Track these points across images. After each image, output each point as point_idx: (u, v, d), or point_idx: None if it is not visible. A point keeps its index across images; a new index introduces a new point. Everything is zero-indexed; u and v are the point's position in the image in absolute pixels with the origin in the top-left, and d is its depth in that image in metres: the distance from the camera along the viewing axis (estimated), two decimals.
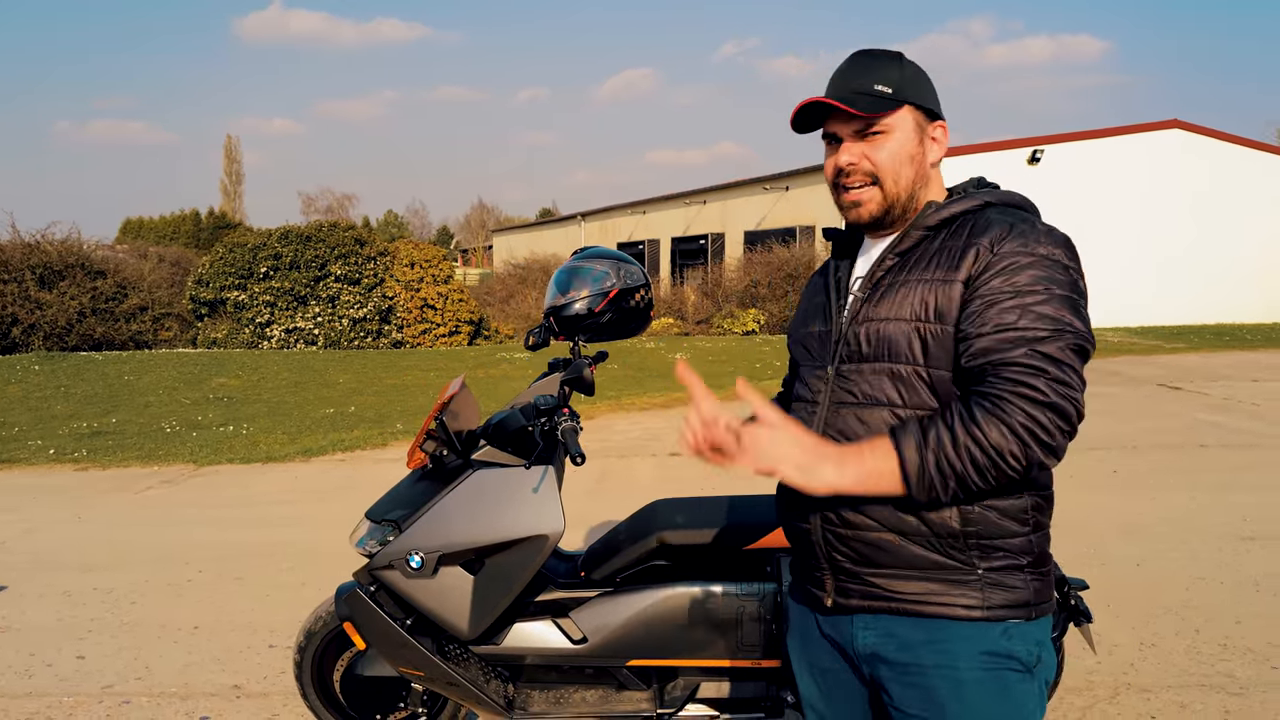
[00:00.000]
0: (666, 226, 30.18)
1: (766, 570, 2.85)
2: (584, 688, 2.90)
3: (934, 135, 1.68)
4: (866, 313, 1.63)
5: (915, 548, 1.57)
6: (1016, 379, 1.42)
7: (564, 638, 2.83)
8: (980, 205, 1.64)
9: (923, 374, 1.56)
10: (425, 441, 2.82)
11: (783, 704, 2.84)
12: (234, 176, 68.01)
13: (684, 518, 2.91)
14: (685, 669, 2.87)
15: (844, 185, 1.67)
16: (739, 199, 26.30)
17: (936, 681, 1.57)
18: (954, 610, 1.57)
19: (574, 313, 2.93)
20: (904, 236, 1.65)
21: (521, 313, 21.91)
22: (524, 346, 2.89)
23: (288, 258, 18.02)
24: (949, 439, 1.43)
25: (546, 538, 2.68)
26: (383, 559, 2.73)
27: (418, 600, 2.73)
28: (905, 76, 1.65)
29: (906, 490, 1.46)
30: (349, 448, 8.63)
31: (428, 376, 13.34)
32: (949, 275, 1.55)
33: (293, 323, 17.91)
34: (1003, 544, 1.57)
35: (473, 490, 2.72)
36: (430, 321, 18.23)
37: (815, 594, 1.73)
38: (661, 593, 2.80)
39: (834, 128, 1.66)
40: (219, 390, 12.30)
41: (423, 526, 2.72)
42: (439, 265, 18.50)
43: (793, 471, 1.43)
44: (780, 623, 2.76)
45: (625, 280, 2.97)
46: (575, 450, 2.46)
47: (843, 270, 1.76)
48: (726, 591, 2.79)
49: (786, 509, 1.77)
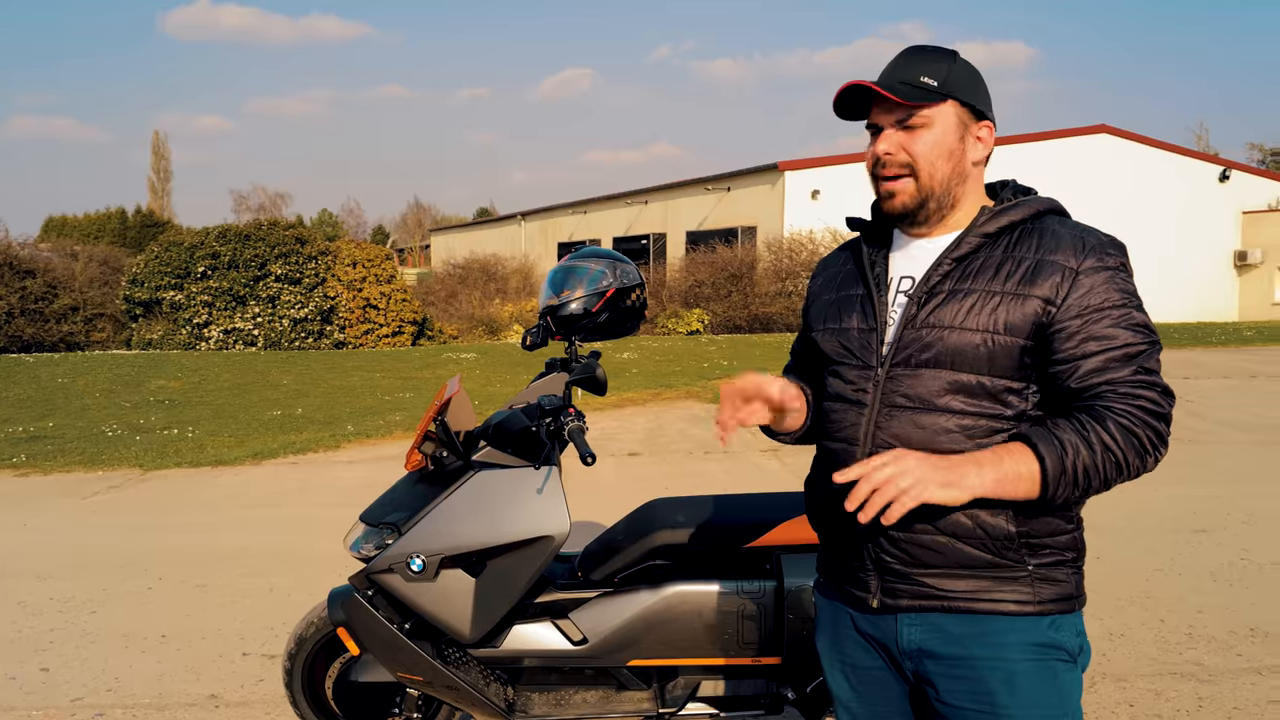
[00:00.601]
0: (608, 226, 30.16)
1: (765, 568, 2.86)
2: (584, 689, 2.89)
3: (978, 135, 1.68)
4: (927, 318, 1.63)
5: (968, 548, 1.59)
6: (1135, 394, 1.52)
7: (564, 639, 2.82)
8: (1035, 213, 1.66)
9: (986, 383, 1.59)
10: (423, 443, 2.78)
11: (782, 701, 2.86)
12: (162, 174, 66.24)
13: (682, 517, 2.91)
14: (685, 668, 2.87)
15: (881, 175, 1.67)
16: (681, 199, 26.39)
17: (987, 673, 1.59)
18: (1005, 606, 1.60)
19: (570, 312, 2.91)
20: (960, 242, 1.65)
21: (465, 313, 21.72)
22: (521, 346, 2.87)
23: (226, 257, 17.63)
24: (1085, 447, 1.49)
25: (552, 539, 2.66)
26: (382, 562, 2.69)
27: (418, 604, 2.70)
28: (954, 72, 1.65)
29: (1041, 493, 1.50)
30: (300, 450, 8.48)
31: (374, 378, 13.16)
32: (1024, 290, 1.58)
33: (232, 323, 17.53)
34: (1051, 541, 1.61)
35: (476, 491, 2.69)
36: (373, 322, 17.99)
37: (858, 595, 1.72)
38: (662, 592, 2.80)
39: (876, 117, 1.67)
40: (159, 392, 11.98)
41: (424, 529, 2.69)
42: (381, 265, 18.26)
43: (939, 491, 1.45)
44: (780, 620, 2.77)
45: (621, 279, 2.96)
46: (585, 450, 2.44)
47: (879, 265, 1.74)
48: (726, 590, 2.80)
49: (825, 511, 1.76)
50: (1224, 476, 6.84)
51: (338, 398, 11.44)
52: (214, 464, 8.05)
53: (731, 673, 2.87)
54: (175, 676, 3.79)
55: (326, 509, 6.46)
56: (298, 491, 7.03)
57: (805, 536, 2.82)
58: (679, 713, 2.84)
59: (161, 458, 8.25)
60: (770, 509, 2.90)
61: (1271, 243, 23.82)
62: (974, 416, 1.58)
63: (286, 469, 7.83)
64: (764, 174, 22.78)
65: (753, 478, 7.07)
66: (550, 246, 33.93)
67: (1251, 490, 6.48)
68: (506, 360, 14.54)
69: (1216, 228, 24.11)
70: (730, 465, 7.58)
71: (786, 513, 2.86)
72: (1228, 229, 24.34)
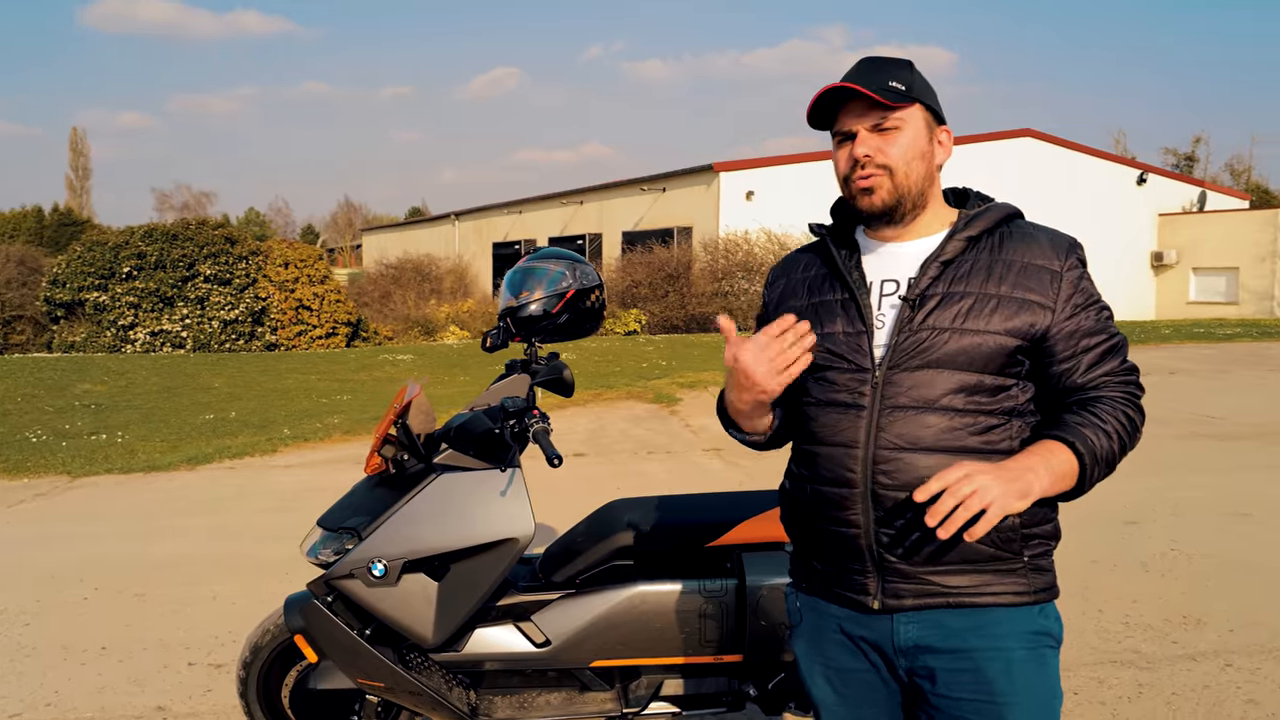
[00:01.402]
0: (544, 226, 30.05)
1: (726, 566, 2.89)
2: (547, 691, 2.88)
3: (939, 139, 1.74)
4: (925, 321, 1.66)
5: (975, 543, 1.64)
6: (1126, 382, 1.68)
7: (526, 641, 2.81)
8: (1004, 218, 1.74)
9: (985, 381, 1.64)
10: (383, 446, 2.75)
11: (744, 698, 2.89)
12: (80, 171, 64.28)
13: (643, 517, 2.92)
14: (648, 667, 2.88)
15: (857, 176, 1.70)
16: (617, 199, 26.42)
17: (985, 664, 1.64)
18: (1003, 598, 1.66)
19: (530, 314, 2.91)
20: (945, 247, 1.70)
21: (400, 314, 21.47)
22: (481, 348, 2.86)
23: (153, 257, 17.17)
24: (1105, 438, 1.61)
25: (517, 541, 2.66)
26: (342, 568, 2.66)
27: (380, 609, 2.66)
28: (915, 79, 1.72)
29: (1077, 486, 1.60)
30: (236, 455, 8.30)
31: (309, 380, 12.94)
32: (1020, 294, 1.65)
33: (159, 325, 17.08)
34: (1039, 530, 1.69)
35: (438, 494, 2.67)
36: (306, 323, 17.67)
37: (853, 598, 1.72)
38: (625, 592, 2.81)
39: (849, 123, 1.69)
40: (85, 396, 11.63)
41: (385, 533, 2.66)
42: (315, 265, 17.96)
43: (1017, 503, 1.48)
44: (742, 618, 2.80)
45: (581, 281, 2.96)
46: (552, 452, 2.44)
47: (856, 269, 1.76)
48: (688, 589, 2.82)
49: (818, 513, 1.73)
50: (1149, 470, 7.07)
51: (272, 401, 11.23)
52: (146, 470, 7.84)
53: (694, 671, 2.89)
54: (118, 689, 3.69)
55: (266, 515, 6.34)
56: (236, 497, 6.88)
57: (765, 535, 2.85)
58: (642, 712, 2.85)
59: (90, 464, 8.02)
60: (730, 508, 2.92)
61: (1186, 244, 24.71)
62: (974, 414, 1.64)
63: (223, 474, 7.66)
64: (699, 175, 22.91)
65: (696, 477, 7.12)
66: (485, 246, 33.70)
67: (1176, 482, 6.72)
68: (444, 362, 14.40)
69: (1135, 229, 24.91)
70: (674, 465, 7.62)
71: (747, 512, 2.89)
72: (1145, 231, 25.17)
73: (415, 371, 13.41)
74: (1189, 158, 48.20)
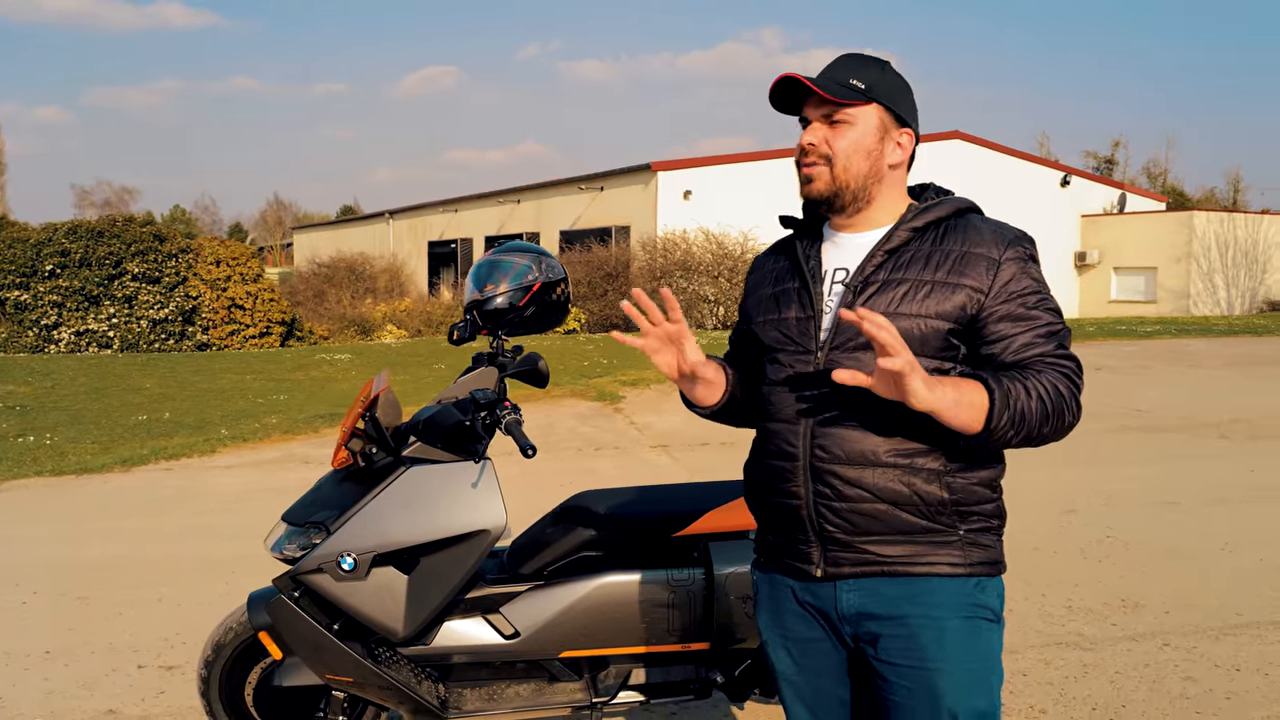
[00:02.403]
0: (480, 225, 29.85)
1: (693, 556, 2.93)
2: (516, 682, 2.89)
3: (898, 140, 1.81)
4: (863, 305, 1.73)
5: (905, 515, 1.72)
6: (1059, 362, 1.68)
7: (495, 634, 2.82)
8: (955, 210, 1.81)
9: (921, 364, 1.64)
10: (350, 440, 2.74)
11: (711, 685, 2.93)
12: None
13: (611, 509, 2.94)
14: (617, 657, 2.91)
15: (802, 163, 1.80)
16: (554, 198, 26.36)
17: (919, 630, 1.72)
18: (939, 569, 1.73)
19: (496, 307, 2.91)
20: (890, 236, 1.78)
21: (336, 313, 21.15)
22: (449, 341, 2.85)
23: (77, 254, 16.66)
24: (1025, 394, 1.62)
25: (488, 532, 2.66)
26: (311, 562, 2.63)
27: (349, 603, 2.65)
28: (883, 80, 1.78)
29: (983, 424, 1.59)
30: (173, 456, 8.11)
31: (244, 380, 12.68)
32: (954, 280, 1.72)
33: (84, 324, 16.58)
34: (978, 509, 1.75)
35: (409, 487, 2.67)
36: (239, 322, 17.31)
37: (800, 567, 1.82)
38: (593, 583, 2.83)
39: (807, 111, 1.80)
40: (9, 398, 11.25)
41: (354, 527, 2.64)
42: (247, 263, 17.59)
43: (919, 382, 1.51)
44: (709, 606, 2.84)
45: (547, 274, 2.97)
46: (525, 443, 2.45)
47: (814, 259, 1.85)
48: (656, 579, 2.85)
49: (767, 486, 1.84)
50: (1084, 461, 7.30)
51: (207, 401, 10.99)
52: (78, 472, 7.63)
53: (661, 660, 2.92)
54: (66, 693, 3.60)
55: (209, 516, 6.22)
56: (176, 499, 6.74)
57: (732, 524, 2.90)
58: (611, 702, 2.87)
59: (18, 466, 7.77)
60: (696, 499, 2.97)
61: (1107, 244, 25.49)
62: None
63: (160, 476, 7.49)
64: (637, 174, 22.97)
65: (644, 472, 7.16)
66: (420, 245, 33.36)
67: (1109, 474, 6.95)
68: (383, 361, 14.23)
69: (1059, 230, 25.60)
70: (622, 461, 7.66)
71: (712, 502, 2.94)
72: (1069, 231, 25.90)
73: (354, 371, 13.24)
74: (1109, 160, 49.73)
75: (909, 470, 1.71)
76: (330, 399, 10.86)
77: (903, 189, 1.86)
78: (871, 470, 1.71)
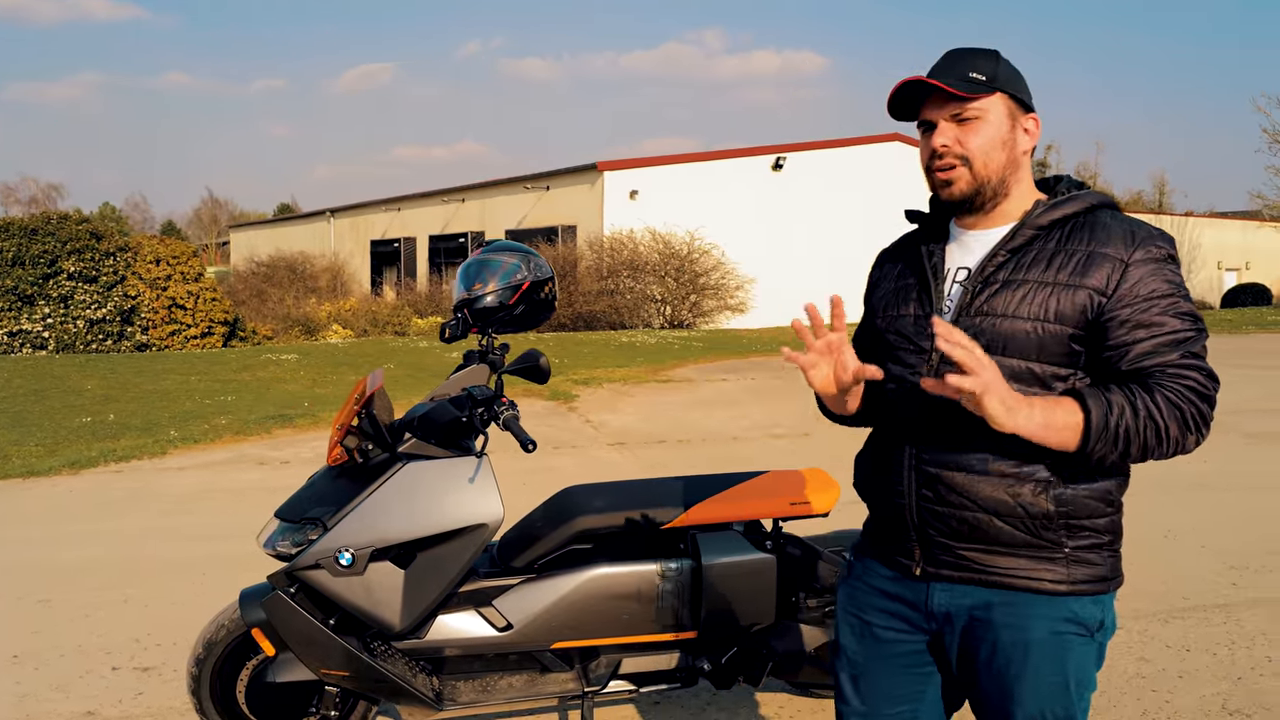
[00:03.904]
0: (424, 224, 29.63)
1: (681, 548, 3.01)
2: (509, 674, 2.94)
3: (1026, 126, 1.76)
4: (981, 306, 1.71)
5: (1007, 527, 1.69)
6: (1182, 375, 1.60)
7: (488, 626, 2.87)
8: (1088, 208, 1.74)
9: (1035, 369, 1.67)
10: (346, 437, 2.76)
11: (698, 673, 3.01)
12: None
13: (600, 502, 3.01)
14: (607, 647, 2.98)
15: (936, 167, 1.75)
16: (499, 197, 26.28)
17: (1005, 638, 1.71)
18: (1040, 585, 1.70)
19: (486, 305, 2.96)
20: (1015, 234, 1.73)
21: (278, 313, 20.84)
22: (440, 339, 2.89)
23: (9, 253, 16.20)
24: (1130, 411, 1.57)
25: (486, 526, 2.71)
26: (308, 558, 2.66)
27: (346, 598, 2.68)
28: (1000, 68, 1.74)
29: (1080, 446, 1.57)
30: (123, 458, 7.97)
31: (189, 381, 12.47)
32: (1076, 281, 1.66)
33: (17, 325, 16.14)
34: (1090, 524, 1.71)
35: (407, 482, 2.70)
36: (180, 322, 16.99)
37: (900, 561, 1.83)
38: (585, 575, 2.89)
39: (929, 113, 1.74)
40: None
41: (352, 523, 2.67)
42: (189, 262, 17.27)
43: (997, 404, 1.48)
44: (698, 596, 2.92)
45: (535, 273, 3.03)
46: (525, 438, 2.51)
47: (937, 255, 1.82)
48: (646, 570, 2.92)
49: (876, 481, 1.86)
50: None
51: (152, 402, 10.79)
52: (24, 474, 7.46)
53: (651, 649, 3.00)
54: (41, 696, 3.56)
55: (166, 517, 6.14)
56: (128, 500, 6.63)
57: (718, 516, 2.98)
58: (602, 691, 2.94)
59: None
60: (684, 492, 3.04)
61: None
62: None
63: (110, 478, 7.36)
64: (583, 174, 23.01)
65: (602, 470, 7.22)
66: (362, 244, 32.99)
67: None
68: (330, 361, 14.09)
69: None
70: (580, 459, 7.71)
71: (699, 495, 3.02)
72: None
73: (301, 372, 13.09)
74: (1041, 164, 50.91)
75: (1016, 479, 1.67)
76: (279, 400, 10.74)
77: (1030, 178, 1.81)
78: (976, 478, 1.69)
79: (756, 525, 3.13)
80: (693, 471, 6.99)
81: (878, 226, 23.92)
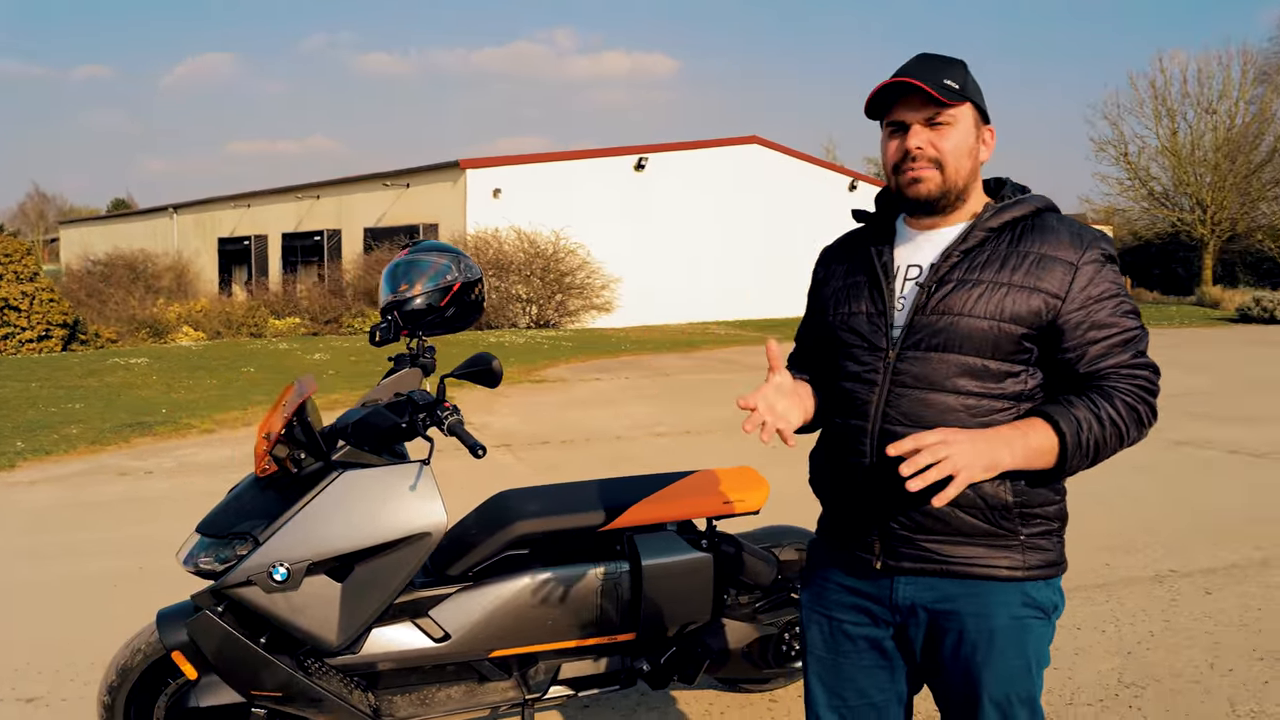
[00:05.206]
0: (276, 221, 28.50)
1: (618, 549, 3.00)
2: (446, 685, 2.87)
3: (984, 137, 1.84)
4: (938, 305, 1.76)
5: (968, 517, 1.76)
6: (1134, 375, 1.73)
7: (425, 638, 2.79)
8: (1034, 210, 1.82)
9: (990, 366, 1.74)
10: (276, 446, 2.63)
11: (637, 674, 3.01)
12: None
13: (536, 506, 2.97)
14: (546, 653, 2.94)
15: (908, 167, 1.79)
16: (357, 195, 25.53)
17: (969, 628, 1.79)
18: (997, 572, 1.78)
19: (416, 307, 2.88)
20: (967, 235, 1.79)
21: (122, 315, 19.67)
22: (370, 343, 2.80)
23: None
24: (1096, 423, 1.67)
25: (429, 534, 2.63)
26: (239, 575, 2.52)
27: (280, 615, 2.55)
28: (968, 79, 1.81)
29: (1058, 465, 1.68)
30: None
31: (29, 388, 11.62)
32: (1032, 283, 1.73)
33: None
34: (1041, 511, 1.79)
35: (344, 492, 2.60)
36: (13, 325, 15.82)
37: (862, 557, 1.87)
38: (522, 581, 2.85)
39: (905, 114, 1.78)
40: None
41: (287, 536, 2.55)
42: (22, 261, 16.10)
43: (982, 474, 1.58)
44: (636, 598, 2.91)
45: (466, 274, 2.96)
46: (474, 443, 2.45)
47: (886, 254, 1.87)
48: (584, 573, 2.90)
49: (833, 478, 1.89)
50: None
51: None
52: None
53: (590, 653, 2.97)
54: None
55: (23, 536, 5.71)
56: None
57: (654, 517, 2.99)
58: (543, 698, 2.90)
59: None
60: (619, 493, 3.03)
61: None
62: (977, 396, 1.74)
63: None
64: (445, 171, 22.62)
65: (492, 472, 7.12)
66: (209, 242, 31.48)
67: None
68: (184, 365, 13.40)
69: None
70: (467, 462, 7.57)
71: (636, 495, 3.01)
72: None
73: (154, 376, 12.39)
74: None
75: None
76: (133, 406, 10.15)
77: (981, 185, 1.89)
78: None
79: (689, 524, 3.15)
80: (590, 473, 6.98)
81: (736, 226, 24.52)
